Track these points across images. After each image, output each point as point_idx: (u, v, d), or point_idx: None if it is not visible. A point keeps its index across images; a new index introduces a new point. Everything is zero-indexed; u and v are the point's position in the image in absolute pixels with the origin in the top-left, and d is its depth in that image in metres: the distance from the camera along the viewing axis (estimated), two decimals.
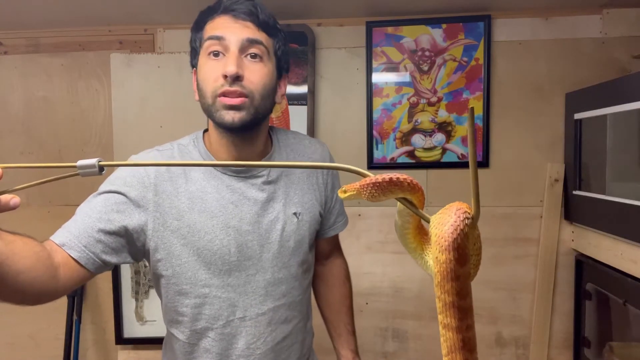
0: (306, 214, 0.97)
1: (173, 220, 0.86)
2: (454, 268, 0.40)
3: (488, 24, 1.60)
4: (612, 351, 1.43)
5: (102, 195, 0.84)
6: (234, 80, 0.82)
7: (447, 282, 0.40)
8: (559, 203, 1.61)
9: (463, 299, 0.41)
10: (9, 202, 0.54)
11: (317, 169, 1.02)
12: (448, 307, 0.41)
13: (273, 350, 0.93)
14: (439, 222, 0.42)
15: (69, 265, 0.76)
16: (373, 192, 0.44)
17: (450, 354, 0.41)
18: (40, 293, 0.69)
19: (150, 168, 0.88)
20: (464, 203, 0.42)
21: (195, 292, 0.88)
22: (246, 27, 0.86)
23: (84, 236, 0.78)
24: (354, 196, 0.47)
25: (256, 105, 0.85)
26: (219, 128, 0.89)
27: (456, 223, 0.40)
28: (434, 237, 0.41)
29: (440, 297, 0.41)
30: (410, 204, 0.46)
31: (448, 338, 0.41)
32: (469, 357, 0.41)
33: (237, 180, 0.90)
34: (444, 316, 0.41)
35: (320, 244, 1.10)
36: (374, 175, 0.44)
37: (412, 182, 0.44)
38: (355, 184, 0.46)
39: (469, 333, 0.41)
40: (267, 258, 0.91)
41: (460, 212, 0.40)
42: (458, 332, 0.41)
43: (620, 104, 1.27)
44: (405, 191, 0.44)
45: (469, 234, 0.40)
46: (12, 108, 1.77)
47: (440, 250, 0.40)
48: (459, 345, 0.41)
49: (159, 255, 0.87)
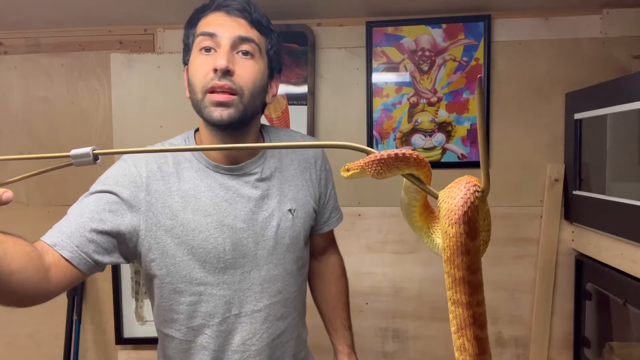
0: (301, 210, 0.97)
1: (166, 219, 0.86)
2: (464, 242, 0.38)
3: (488, 24, 1.60)
4: (612, 351, 1.43)
5: (94, 195, 0.83)
6: (224, 74, 0.82)
7: (457, 256, 0.39)
8: (559, 203, 1.61)
9: (473, 273, 0.39)
10: (1, 197, 0.53)
11: (311, 166, 1.02)
12: (458, 283, 0.39)
13: (269, 346, 0.94)
14: (448, 195, 0.40)
15: (60, 265, 0.75)
16: (378, 168, 0.42)
17: (460, 331, 0.40)
18: (32, 294, 0.69)
19: (142, 168, 0.87)
20: (473, 176, 0.41)
21: (191, 290, 0.88)
22: (239, 23, 0.86)
23: (76, 236, 0.77)
24: (357, 174, 0.46)
25: (245, 102, 0.85)
26: (209, 126, 0.89)
27: (466, 196, 0.39)
28: (443, 211, 0.40)
29: (450, 272, 0.40)
30: (417, 180, 0.44)
31: (458, 314, 0.40)
32: (479, 333, 0.40)
33: (231, 178, 0.91)
34: (453, 292, 0.40)
35: (315, 240, 1.11)
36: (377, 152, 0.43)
37: (419, 157, 0.42)
38: (358, 162, 0.45)
39: (479, 309, 0.40)
40: (262, 255, 0.91)
41: (470, 185, 0.39)
42: (468, 307, 0.39)
43: (620, 104, 1.27)
44: (411, 167, 0.43)
45: (479, 208, 0.39)
46: (12, 108, 1.77)
47: (449, 224, 0.39)
48: (469, 321, 0.39)
49: (152, 255, 0.87)
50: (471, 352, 0.39)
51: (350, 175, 0.46)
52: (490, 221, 0.44)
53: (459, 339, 0.40)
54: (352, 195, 1.69)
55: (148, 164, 0.88)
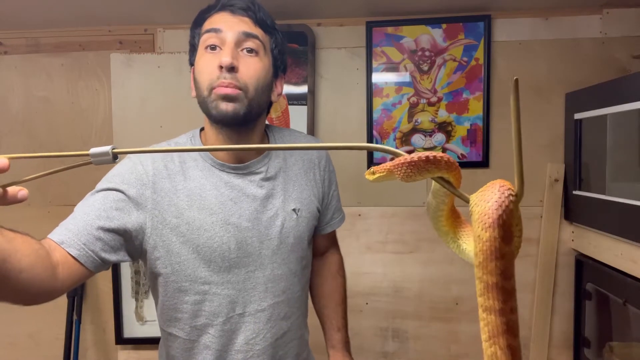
0: (305, 210, 0.97)
1: (172, 218, 0.86)
2: (498, 246, 0.37)
3: (488, 24, 1.60)
4: (612, 351, 1.43)
5: (101, 193, 0.83)
6: (229, 71, 0.83)
7: (491, 261, 0.37)
8: (559, 203, 1.61)
9: (507, 279, 0.38)
10: (16, 195, 0.53)
11: (315, 167, 1.02)
12: (491, 289, 0.38)
13: (272, 346, 0.94)
14: (480, 199, 0.39)
15: (67, 263, 0.75)
16: (409, 171, 0.42)
17: (492, 339, 0.38)
18: (40, 292, 0.69)
19: (148, 166, 0.87)
20: (506, 181, 0.40)
21: (195, 289, 0.88)
22: (243, 21, 0.87)
23: (83, 234, 0.77)
24: (383, 177, 0.45)
25: (250, 98, 0.86)
26: (214, 124, 0.89)
27: (500, 199, 0.38)
28: (475, 214, 0.39)
29: (482, 278, 0.38)
30: (448, 183, 0.44)
31: (490, 322, 0.38)
32: (512, 342, 0.38)
33: (236, 177, 0.91)
34: (486, 298, 0.38)
35: (317, 241, 1.11)
36: (406, 154, 0.42)
37: (450, 160, 0.42)
38: (385, 165, 0.44)
39: (512, 316, 0.38)
40: (266, 254, 0.92)
41: (504, 189, 0.38)
42: (502, 314, 0.38)
43: (620, 104, 1.27)
44: (442, 170, 0.42)
45: (513, 213, 0.38)
46: (12, 108, 1.77)
47: (483, 228, 0.38)
48: (502, 329, 0.38)
49: (157, 254, 0.87)
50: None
51: (376, 178, 0.45)
52: (522, 227, 0.43)
53: (490, 347, 0.38)
54: (352, 195, 1.69)
55: (154, 162, 0.88)
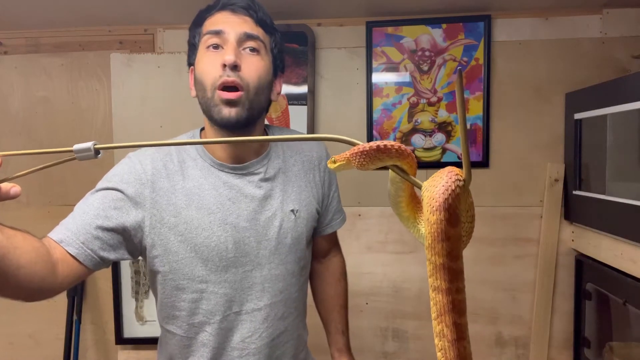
0: (303, 210, 0.97)
1: (170, 217, 0.86)
2: (444, 228, 0.39)
3: (488, 24, 1.60)
4: (612, 351, 1.43)
5: (100, 193, 0.84)
6: (232, 69, 0.83)
7: (438, 242, 0.40)
8: (559, 203, 1.61)
9: (454, 260, 0.40)
10: (9, 191, 0.54)
11: (315, 168, 1.03)
12: (438, 269, 0.40)
13: (268, 345, 0.94)
14: (430, 184, 0.41)
15: (67, 261, 0.76)
16: (361, 160, 0.43)
17: (439, 317, 0.40)
18: (39, 289, 0.69)
19: (147, 165, 0.88)
20: (456, 167, 0.42)
21: (193, 287, 0.89)
22: (244, 21, 0.87)
23: (82, 233, 0.78)
24: (343, 166, 0.47)
25: (251, 99, 0.86)
26: (214, 125, 0.89)
27: (447, 184, 0.40)
28: (425, 199, 0.41)
29: (431, 259, 0.40)
30: (402, 171, 0.45)
31: (437, 301, 0.40)
32: (457, 319, 0.40)
33: (234, 177, 0.91)
34: (434, 279, 0.40)
35: (318, 242, 1.11)
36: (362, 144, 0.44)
37: (400, 148, 0.43)
38: (344, 154, 0.46)
39: (459, 296, 0.40)
40: (264, 255, 0.92)
41: (452, 174, 0.40)
42: (448, 294, 0.40)
43: (620, 104, 1.27)
44: (394, 158, 0.44)
45: (460, 197, 0.40)
46: (12, 108, 1.77)
47: (431, 212, 0.40)
48: (448, 307, 0.40)
49: (155, 252, 0.87)
50: (449, 337, 0.40)
51: (337, 166, 0.47)
52: (473, 213, 0.45)
53: (438, 325, 0.41)
54: (352, 195, 1.69)
55: (153, 161, 0.89)
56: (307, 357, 1.09)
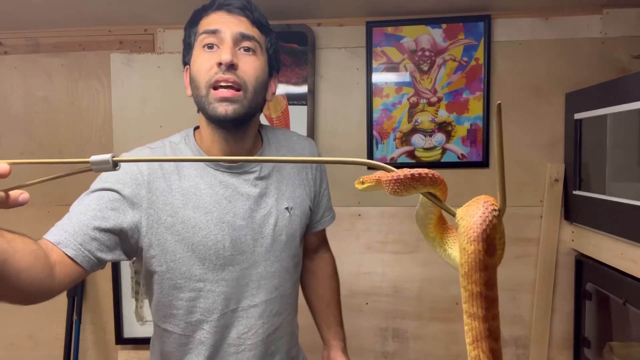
0: (297, 208, 0.99)
1: (167, 216, 0.87)
2: (482, 258, 0.40)
3: (488, 24, 1.60)
4: (612, 351, 1.43)
5: (96, 193, 0.84)
6: (228, 68, 0.83)
7: (476, 272, 0.41)
8: (559, 203, 1.61)
9: (490, 289, 0.41)
10: (17, 198, 0.55)
11: (307, 166, 1.04)
12: (475, 297, 0.41)
13: (264, 341, 0.95)
14: (466, 213, 0.42)
15: (64, 263, 0.75)
16: (395, 188, 0.45)
17: (475, 342, 0.41)
18: (38, 291, 0.69)
19: (143, 165, 0.88)
20: (490, 196, 0.42)
21: (190, 286, 0.89)
22: (240, 21, 0.88)
23: (79, 234, 0.78)
24: (371, 187, 0.48)
25: (249, 97, 0.87)
26: (211, 123, 0.89)
27: (485, 214, 0.40)
28: (462, 228, 0.42)
29: (467, 287, 0.41)
30: (434, 197, 0.46)
31: (474, 327, 0.41)
32: (494, 346, 0.41)
33: (230, 176, 0.91)
34: (470, 305, 0.41)
35: (308, 239, 1.13)
36: (395, 170, 0.45)
37: (434, 175, 0.44)
38: (373, 176, 0.47)
39: (494, 322, 0.42)
40: (260, 252, 0.93)
41: (488, 205, 0.41)
42: (484, 321, 0.41)
43: (620, 104, 1.27)
44: (427, 185, 0.45)
45: (496, 227, 0.41)
46: (12, 108, 1.77)
47: (468, 241, 0.41)
48: (485, 334, 0.41)
49: (153, 252, 0.87)
50: None
51: (365, 188, 0.48)
52: (504, 240, 0.46)
53: (474, 350, 0.42)
54: (352, 195, 1.69)
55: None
56: (299, 353, 1.11)
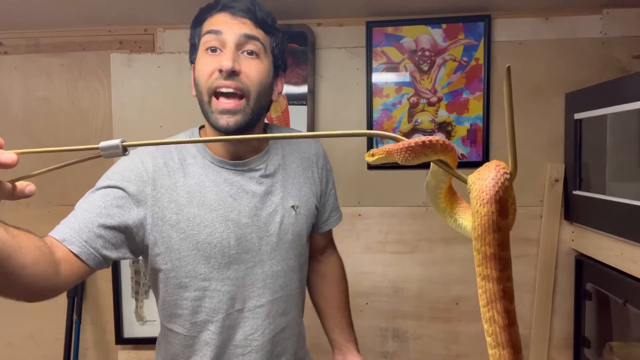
0: (303, 207, 0.98)
1: (172, 214, 0.86)
2: (496, 220, 0.41)
3: (488, 24, 1.60)
4: (612, 351, 1.43)
5: (101, 191, 0.84)
6: (230, 75, 0.83)
7: (489, 233, 0.41)
8: (559, 203, 1.61)
9: (504, 250, 0.41)
10: (24, 190, 0.54)
11: (313, 165, 1.03)
12: (489, 259, 0.41)
13: (270, 342, 0.94)
14: (478, 178, 0.43)
15: (69, 261, 0.76)
16: (407, 155, 0.45)
17: (489, 304, 0.42)
18: (42, 288, 0.69)
19: (148, 163, 0.88)
20: (501, 161, 0.43)
21: (195, 285, 0.89)
22: (244, 23, 0.87)
23: (85, 231, 0.78)
24: (382, 159, 0.48)
25: (252, 104, 0.86)
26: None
27: (497, 177, 0.41)
28: (474, 192, 0.42)
29: (480, 249, 0.42)
30: (445, 165, 0.47)
31: (488, 289, 0.42)
32: (509, 306, 0.42)
33: (235, 174, 0.91)
34: (484, 268, 0.42)
35: (315, 239, 1.12)
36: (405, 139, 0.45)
37: (445, 142, 0.45)
38: (384, 147, 0.47)
39: (509, 283, 0.42)
40: (265, 251, 0.92)
41: (499, 168, 0.42)
42: (499, 282, 0.41)
43: (620, 104, 1.27)
44: (439, 152, 0.45)
45: (509, 189, 0.41)
46: (12, 108, 1.77)
47: (481, 204, 0.41)
48: (499, 294, 0.41)
49: (157, 250, 0.87)
50: (501, 323, 0.41)
51: (376, 159, 0.49)
52: (515, 206, 0.46)
53: (488, 312, 0.42)
54: (352, 195, 1.69)
55: (154, 159, 0.89)
56: (306, 355, 1.09)
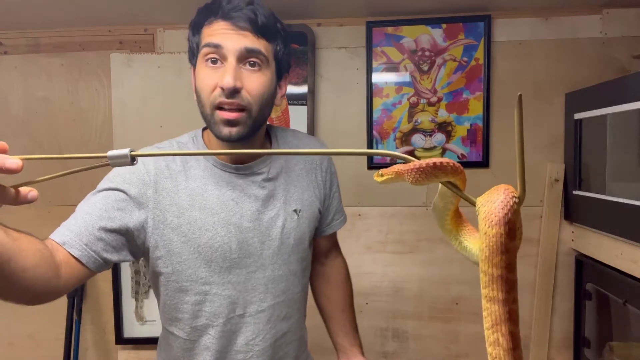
0: (306, 210, 0.97)
1: (173, 217, 0.86)
2: (504, 241, 0.41)
3: (488, 24, 1.60)
4: (612, 351, 1.43)
5: (102, 193, 0.83)
6: (231, 93, 0.81)
7: (497, 255, 0.41)
8: (559, 203, 1.61)
9: (511, 272, 0.42)
10: (27, 195, 0.54)
11: (317, 168, 1.02)
12: (495, 280, 0.42)
13: (272, 347, 0.94)
14: (487, 200, 0.43)
15: (70, 263, 0.75)
16: (417, 176, 0.45)
17: (494, 326, 0.42)
18: (43, 291, 0.69)
19: (150, 165, 0.87)
20: (510, 185, 0.44)
21: (196, 289, 0.88)
22: (245, 36, 0.83)
23: (85, 234, 0.77)
24: (390, 179, 0.48)
25: (254, 117, 0.85)
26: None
27: (506, 199, 0.42)
28: (482, 214, 0.43)
29: (487, 271, 0.42)
30: (455, 187, 0.47)
31: (493, 311, 0.42)
32: (514, 329, 0.42)
33: (237, 178, 0.90)
34: (490, 289, 0.42)
35: (319, 242, 1.11)
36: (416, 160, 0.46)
37: (455, 165, 0.45)
38: (393, 168, 0.48)
39: (514, 306, 0.42)
40: (267, 255, 0.91)
41: (508, 192, 0.42)
42: (505, 304, 0.42)
43: (620, 104, 1.27)
44: (449, 174, 0.45)
45: (517, 212, 0.42)
46: (12, 108, 1.77)
47: (490, 225, 0.42)
48: (504, 317, 0.42)
49: (158, 253, 0.87)
50: (505, 346, 0.42)
51: (384, 180, 0.49)
52: (522, 230, 0.47)
53: (493, 334, 0.42)
54: (352, 195, 1.69)
55: (156, 161, 0.88)
56: (308, 358, 1.09)
